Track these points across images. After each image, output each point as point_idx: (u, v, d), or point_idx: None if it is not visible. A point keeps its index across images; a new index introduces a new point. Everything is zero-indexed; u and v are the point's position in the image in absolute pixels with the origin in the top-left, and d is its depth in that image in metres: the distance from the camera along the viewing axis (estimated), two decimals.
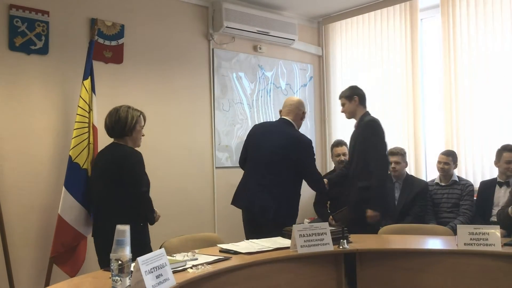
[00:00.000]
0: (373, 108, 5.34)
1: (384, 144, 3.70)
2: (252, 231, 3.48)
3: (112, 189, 2.91)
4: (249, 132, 3.88)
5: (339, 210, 4.02)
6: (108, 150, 3.05)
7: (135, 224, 2.65)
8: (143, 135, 3.12)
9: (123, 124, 2.96)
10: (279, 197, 3.47)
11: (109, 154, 2.99)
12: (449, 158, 4.28)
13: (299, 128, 3.72)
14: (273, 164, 3.53)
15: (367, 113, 3.84)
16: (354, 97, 3.83)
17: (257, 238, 3.07)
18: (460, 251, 2.76)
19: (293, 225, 2.84)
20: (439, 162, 4.32)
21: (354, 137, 3.87)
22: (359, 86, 5.43)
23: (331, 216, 4.49)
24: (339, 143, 4.78)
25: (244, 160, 3.76)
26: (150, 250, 2.70)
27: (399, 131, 5.15)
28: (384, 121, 5.22)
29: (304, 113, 3.73)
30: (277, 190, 3.48)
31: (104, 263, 2.37)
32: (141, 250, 2.19)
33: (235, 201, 3.67)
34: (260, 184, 3.52)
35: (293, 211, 3.59)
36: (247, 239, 3.19)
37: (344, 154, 4.71)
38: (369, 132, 3.65)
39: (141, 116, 3.05)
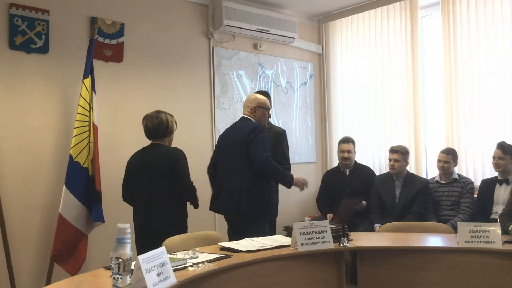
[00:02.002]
0: (374, 105, 5.37)
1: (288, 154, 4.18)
2: (232, 234, 3.54)
3: (164, 181, 3.31)
4: (217, 141, 3.91)
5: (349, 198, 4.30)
6: (152, 150, 3.41)
7: (181, 209, 3.39)
8: None
9: (165, 126, 3.39)
10: (240, 189, 3.45)
11: (155, 153, 3.38)
12: (449, 157, 4.27)
13: (259, 119, 3.61)
14: (231, 157, 3.56)
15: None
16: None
17: (236, 237, 3.10)
18: (460, 249, 2.76)
19: (294, 223, 2.84)
20: (439, 161, 4.31)
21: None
22: (360, 84, 5.49)
23: (329, 214, 4.51)
24: (346, 140, 4.79)
25: (213, 167, 3.81)
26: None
27: (400, 128, 5.15)
28: (384, 119, 5.28)
29: (254, 107, 3.60)
30: (238, 183, 3.47)
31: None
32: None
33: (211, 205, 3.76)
34: (227, 181, 3.58)
35: (257, 201, 3.44)
36: (230, 240, 3.24)
37: (349, 152, 4.72)
38: (280, 141, 4.10)
39: (174, 119, 3.51)
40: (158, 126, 3.38)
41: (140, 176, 3.40)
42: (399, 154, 4.41)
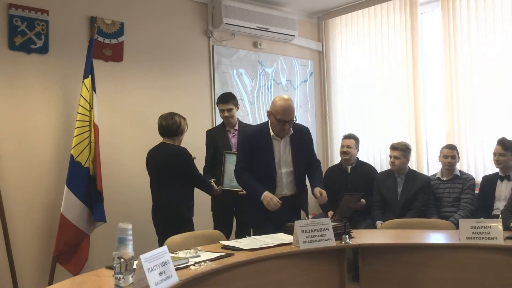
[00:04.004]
0: (374, 102, 5.37)
1: None
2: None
3: (168, 179, 3.62)
4: None
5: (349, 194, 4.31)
6: (161, 149, 3.69)
7: (183, 205, 3.67)
8: None
9: (177, 126, 3.68)
10: None
11: (164, 152, 3.66)
12: (454, 152, 4.28)
13: (272, 128, 3.34)
14: None
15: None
16: (238, 104, 4.20)
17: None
18: (462, 245, 2.76)
19: (295, 221, 2.84)
20: (445, 156, 4.27)
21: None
22: (360, 81, 5.49)
23: (330, 212, 4.51)
24: (348, 136, 4.80)
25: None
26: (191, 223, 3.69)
27: (400, 125, 5.14)
28: (385, 116, 5.27)
29: (268, 112, 3.33)
30: None
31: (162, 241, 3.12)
32: (186, 223, 3.57)
33: None
34: None
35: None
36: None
37: (348, 147, 4.73)
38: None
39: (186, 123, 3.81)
40: (172, 125, 3.67)
41: (150, 173, 3.74)
42: (399, 151, 4.40)
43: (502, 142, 3.93)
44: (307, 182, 3.54)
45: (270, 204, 3.19)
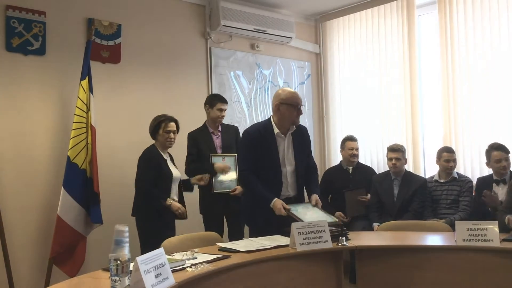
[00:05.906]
0: (371, 104, 5.37)
1: None
2: None
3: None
4: None
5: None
6: None
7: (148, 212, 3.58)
8: (172, 138, 3.67)
9: (151, 129, 3.67)
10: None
11: None
12: (454, 155, 4.29)
13: (284, 120, 3.34)
14: None
15: None
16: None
17: None
18: (458, 247, 2.76)
19: (292, 223, 2.84)
20: (447, 161, 4.25)
21: (228, 142, 4.14)
22: (357, 83, 5.50)
23: (338, 212, 4.50)
24: (352, 138, 4.83)
25: None
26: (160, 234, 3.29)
27: (397, 128, 5.15)
28: (382, 118, 5.28)
29: (277, 104, 3.31)
30: None
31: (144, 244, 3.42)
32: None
33: None
34: None
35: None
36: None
37: (356, 149, 4.77)
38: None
39: (165, 122, 3.62)
40: (149, 128, 3.69)
41: None
42: (400, 152, 4.43)
43: (502, 147, 3.93)
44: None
45: (281, 211, 3.09)
